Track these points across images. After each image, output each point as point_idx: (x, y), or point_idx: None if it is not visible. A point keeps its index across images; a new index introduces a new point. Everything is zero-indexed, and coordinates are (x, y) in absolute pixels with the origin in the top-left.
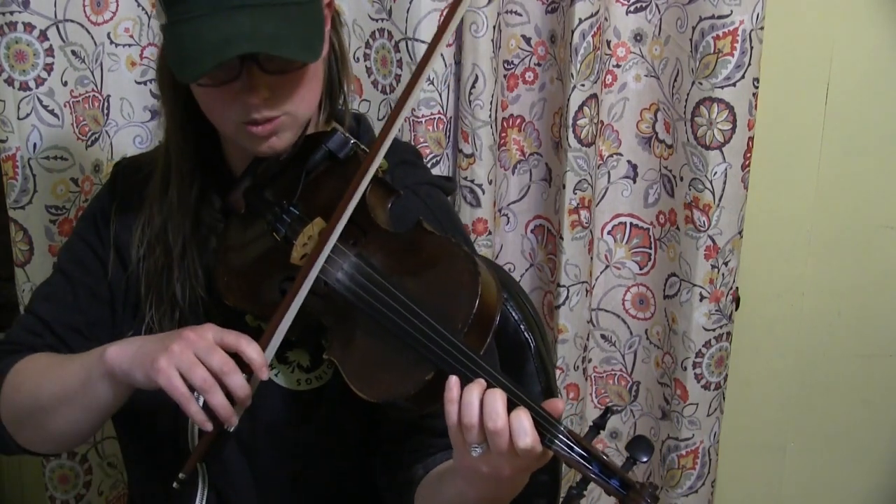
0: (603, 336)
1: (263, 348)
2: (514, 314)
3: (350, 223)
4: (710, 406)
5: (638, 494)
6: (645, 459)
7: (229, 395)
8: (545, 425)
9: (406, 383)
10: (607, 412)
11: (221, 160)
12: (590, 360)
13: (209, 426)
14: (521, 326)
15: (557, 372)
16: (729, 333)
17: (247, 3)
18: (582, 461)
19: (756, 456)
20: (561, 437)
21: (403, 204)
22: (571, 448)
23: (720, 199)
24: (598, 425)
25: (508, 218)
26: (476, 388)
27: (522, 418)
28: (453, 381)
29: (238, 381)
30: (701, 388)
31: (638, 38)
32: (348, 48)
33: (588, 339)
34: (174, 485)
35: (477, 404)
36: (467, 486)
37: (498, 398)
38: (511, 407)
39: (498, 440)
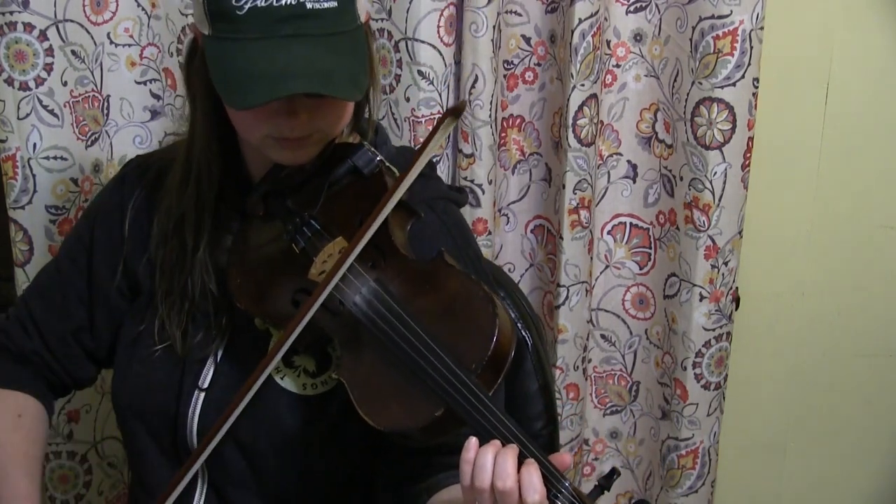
0: (603, 336)
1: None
2: (511, 312)
3: (370, 245)
4: (710, 406)
5: None
6: None
7: None
8: (551, 480)
9: (414, 417)
10: (613, 473)
11: (240, 164)
12: (590, 360)
13: None
14: (519, 325)
15: (557, 372)
16: (729, 333)
17: (300, 33)
18: None
19: (756, 456)
20: (564, 492)
21: (420, 222)
22: None
23: (720, 199)
24: (603, 486)
25: (508, 218)
26: (491, 450)
27: (533, 475)
28: (472, 442)
29: None
30: (701, 387)
31: (638, 37)
32: (378, 62)
33: (588, 339)
34: None
35: (490, 467)
36: None
37: (509, 458)
38: (520, 458)
39: (507, 500)
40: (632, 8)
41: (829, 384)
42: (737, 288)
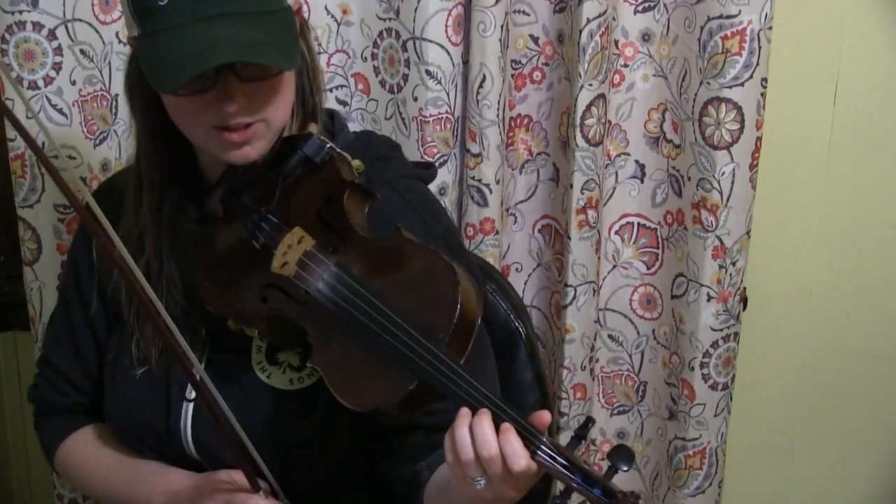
0: (610, 336)
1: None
2: (502, 303)
3: (329, 230)
4: (718, 406)
5: (621, 502)
6: (626, 468)
7: None
8: (528, 437)
9: (389, 393)
10: (588, 422)
11: (195, 169)
12: (597, 360)
13: None
14: (511, 315)
15: (564, 372)
16: (736, 333)
17: (223, 12)
18: (565, 471)
19: (764, 456)
20: (544, 447)
21: (382, 201)
22: (554, 459)
23: (728, 199)
24: (580, 436)
25: (516, 217)
26: (465, 421)
27: (512, 441)
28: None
29: None
30: (708, 388)
31: (646, 37)
32: (317, 52)
33: (595, 339)
34: None
35: (468, 438)
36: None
37: (485, 424)
38: (496, 421)
39: (493, 466)
40: (640, 8)
41: (837, 385)
42: (744, 288)
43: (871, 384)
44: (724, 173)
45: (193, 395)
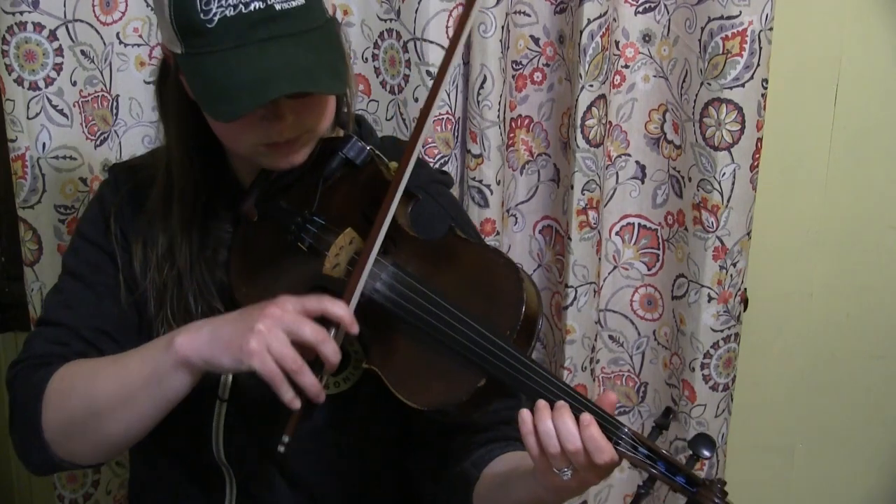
0: (611, 337)
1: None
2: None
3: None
4: (718, 407)
5: (707, 490)
6: (708, 455)
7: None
8: (609, 429)
9: (457, 390)
10: (668, 412)
11: (227, 172)
12: (597, 361)
13: (297, 403)
14: None
15: (565, 373)
16: (737, 334)
17: (274, 35)
18: (647, 461)
19: (764, 457)
20: (625, 438)
21: (420, 205)
22: (636, 448)
23: (728, 200)
24: (661, 425)
25: (516, 218)
26: (546, 414)
27: (595, 436)
28: (526, 413)
29: (332, 349)
30: (709, 389)
31: (646, 38)
32: (350, 56)
33: (596, 340)
34: (279, 448)
35: (553, 432)
36: (548, 493)
37: (567, 417)
38: (574, 413)
39: (580, 458)
40: (640, 8)
41: (837, 386)
42: (745, 289)
43: (871, 385)
44: (724, 174)
45: (227, 395)
